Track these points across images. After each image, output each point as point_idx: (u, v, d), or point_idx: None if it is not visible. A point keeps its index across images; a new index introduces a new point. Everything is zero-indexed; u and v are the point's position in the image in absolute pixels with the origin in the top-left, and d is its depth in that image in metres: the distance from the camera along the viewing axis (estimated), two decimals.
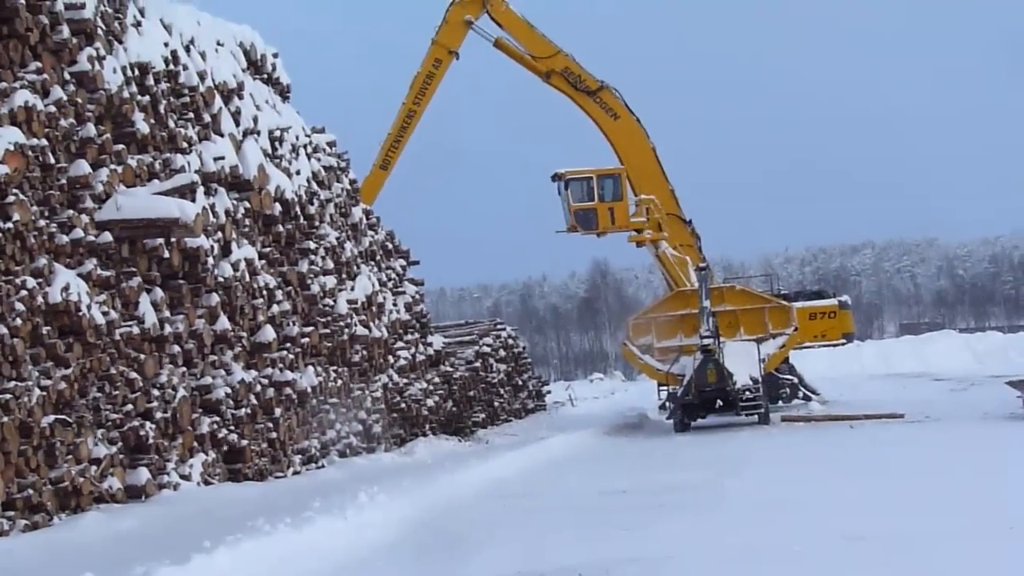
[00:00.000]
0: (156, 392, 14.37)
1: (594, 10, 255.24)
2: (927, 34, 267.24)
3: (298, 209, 19.89)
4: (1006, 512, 10.81)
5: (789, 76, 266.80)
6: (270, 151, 19.33)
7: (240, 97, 18.59)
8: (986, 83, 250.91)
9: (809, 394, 32.23)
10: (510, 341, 36.40)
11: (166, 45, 16.30)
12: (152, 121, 15.45)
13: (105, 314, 13.34)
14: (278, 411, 17.71)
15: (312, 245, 20.33)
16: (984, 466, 15.08)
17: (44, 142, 12.75)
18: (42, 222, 12.63)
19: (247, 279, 17.30)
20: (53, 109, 13.12)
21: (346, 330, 21.27)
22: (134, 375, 13.97)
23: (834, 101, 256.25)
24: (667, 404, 27.42)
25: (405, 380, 24.66)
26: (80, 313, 12.76)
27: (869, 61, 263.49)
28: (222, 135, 17.52)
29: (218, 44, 18.50)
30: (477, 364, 31.24)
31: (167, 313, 14.98)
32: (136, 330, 14.09)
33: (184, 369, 15.34)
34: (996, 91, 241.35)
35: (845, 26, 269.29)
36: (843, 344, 35.42)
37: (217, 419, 15.92)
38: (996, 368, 43.26)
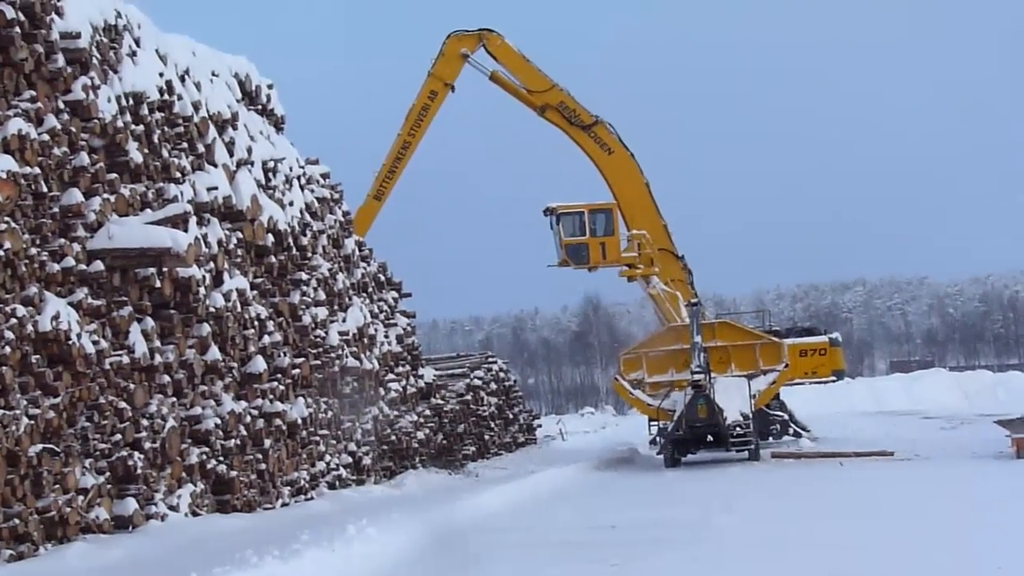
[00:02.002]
0: (145, 422, 14.31)
1: (592, 49, 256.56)
2: (919, 72, 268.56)
3: (291, 240, 19.89)
4: (994, 552, 10.81)
5: (782, 113, 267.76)
6: (263, 182, 19.34)
7: (234, 127, 18.62)
8: (979, 125, 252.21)
9: (799, 431, 32.25)
10: (501, 374, 36.34)
11: (161, 75, 16.32)
12: (146, 151, 15.46)
13: (95, 343, 13.30)
14: (268, 442, 17.65)
15: (304, 276, 20.33)
16: (973, 505, 15.08)
17: (37, 170, 12.74)
18: (33, 250, 12.60)
19: (238, 309, 17.27)
20: (47, 138, 13.12)
21: (337, 362, 21.24)
22: (123, 405, 13.91)
23: (827, 139, 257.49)
24: (657, 439, 27.41)
25: (396, 412, 24.60)
26: (70, 342, 12.72)
27: (862, 100, 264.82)
28: (216, 165, 17.54)
29: (213, 75, 18.54)
30: (468, 397, 31.18)
31: (158, 343, 14.94)
32: (126, 360, 14.05)
33: (174, 399, 15.28)
34: (988, 132, 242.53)
35: (837, 64, 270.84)
36: (833, 381, 35.51)
37: (206, 450, 15.86)
38: (985, 407, 43.34)
